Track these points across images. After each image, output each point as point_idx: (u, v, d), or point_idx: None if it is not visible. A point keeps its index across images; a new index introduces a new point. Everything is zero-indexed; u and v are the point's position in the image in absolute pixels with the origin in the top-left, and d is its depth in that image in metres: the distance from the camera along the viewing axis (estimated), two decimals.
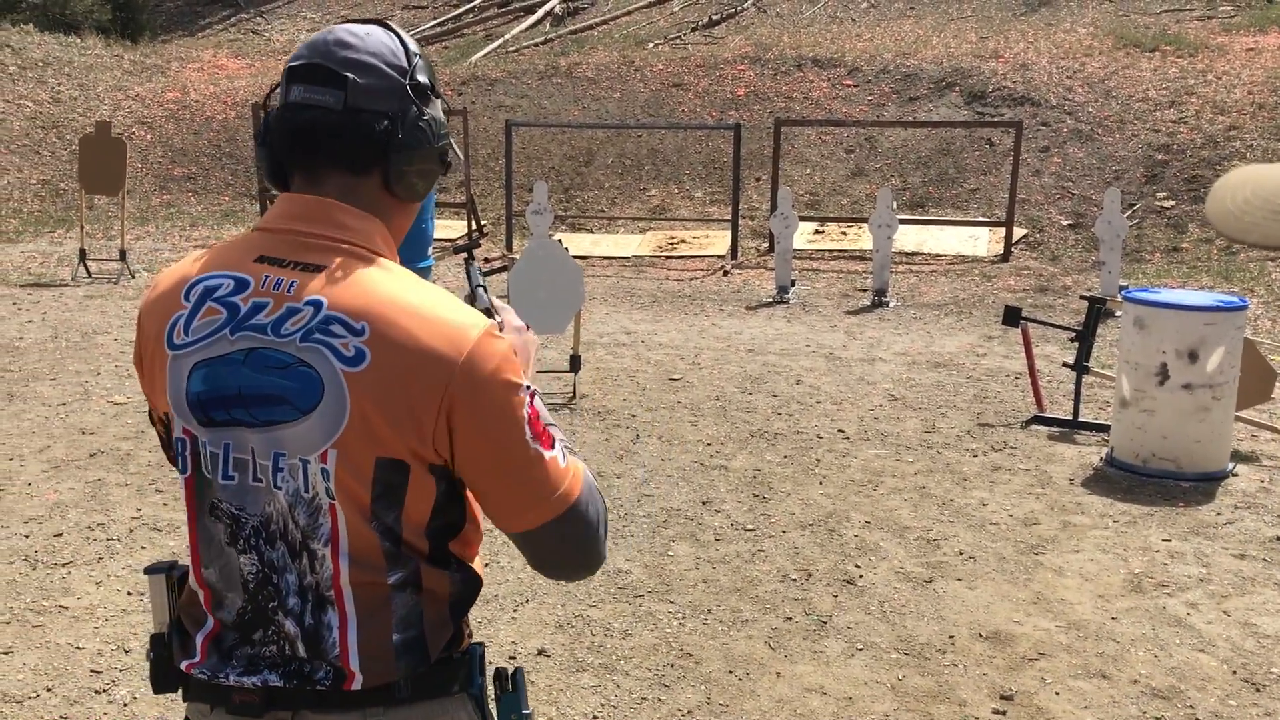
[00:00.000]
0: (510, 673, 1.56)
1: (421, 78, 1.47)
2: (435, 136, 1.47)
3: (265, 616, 1.39)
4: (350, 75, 1.41)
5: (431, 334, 1.34)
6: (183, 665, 1.45)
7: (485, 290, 1.73)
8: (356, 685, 1.39)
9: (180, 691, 1.49)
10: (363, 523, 1.36)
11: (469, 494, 1.45)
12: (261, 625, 1.41)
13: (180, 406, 1.40)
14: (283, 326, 1.36)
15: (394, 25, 1.50)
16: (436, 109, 1.50)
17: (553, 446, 1.40)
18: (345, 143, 1.41)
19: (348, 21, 1.48)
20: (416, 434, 1.34)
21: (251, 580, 1.39)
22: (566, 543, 1.42)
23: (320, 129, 1.41)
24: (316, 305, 1.35)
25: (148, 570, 1.55)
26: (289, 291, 1.37)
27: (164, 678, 1.49)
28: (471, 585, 1.47)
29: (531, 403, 1.40)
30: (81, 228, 11.75)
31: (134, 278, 11.31)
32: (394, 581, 1.39)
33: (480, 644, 1.52)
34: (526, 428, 1.38)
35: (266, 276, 1.39)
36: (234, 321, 1.38)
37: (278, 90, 1.48)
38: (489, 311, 1.62)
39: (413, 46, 1.48)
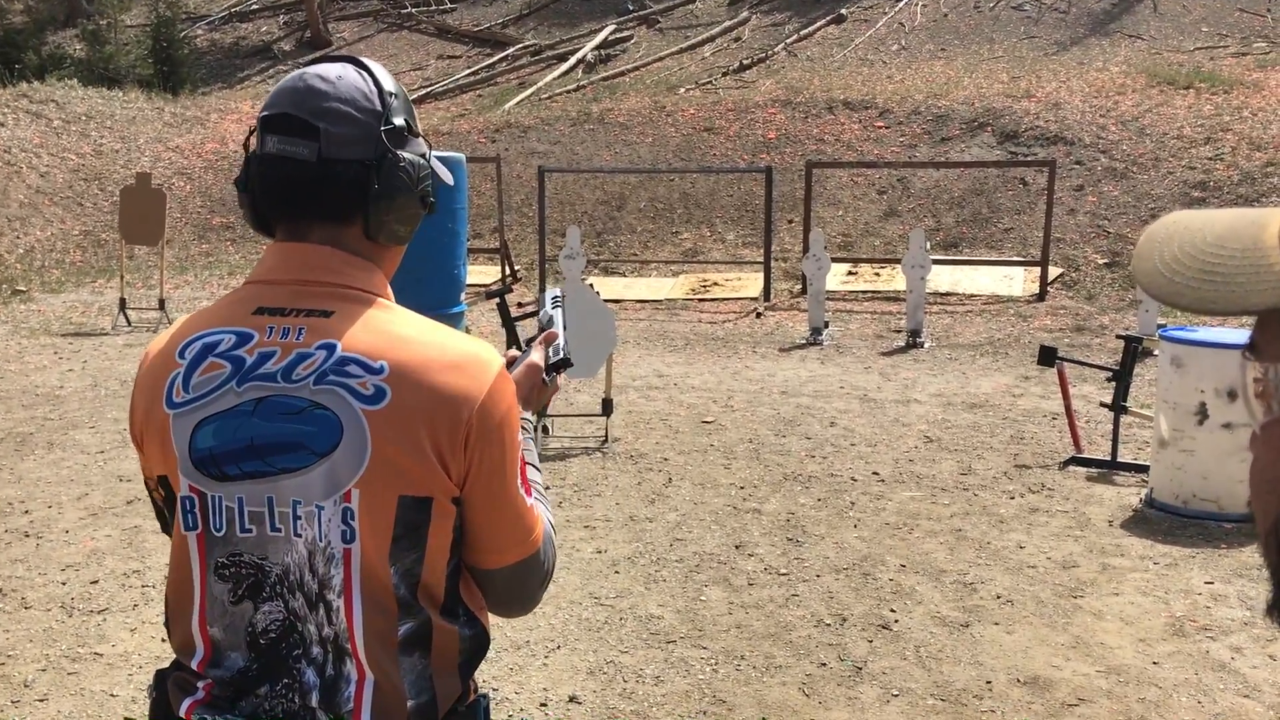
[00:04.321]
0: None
1: (397, 120, 1.44)
2: (414, 180, 1.45)
3: (284, 667, 1.37)
4: (322, 125, 1.39)
5: (452, 369, 1.36)
6: (183, 706, 1.41)
7: (557, 319, 1.81)
8: None
9: None
10: (380, 567, 1.35)
11: None
12: (273, 679, 1.38)
13: (185, 465, 1.37)
14: (293, 372, 1.35)
15: (368, 63, 1.47)
16: (417, 147, 1.48)
17: (531, 493, 1.47)
18: (323, 195, 1.40)
19: (320, 62, 1.47)
20: (441, 467, 1.34)
21: (275, 629, 1.37)
22: (522, 583, 1.48)
23: (297, 182, 1.40)
24: (329, 348, 1.35)
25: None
26: (298, 338, 1.37)
27: (163, 718, 1.46)
28: (480, 641, 1.46)
29: (522, 458, 1.46)
30: (122, 277, 11.94)
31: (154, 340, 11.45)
32: (403, 634, 1.37)
33: (485, 696, 1.51)
34: (518, 472, 1.43)
35: (271, 327, 1.38)
36: (240, 374, 1.37)
37: (254, 135, 1.46)
38: (549, 342, 1.73)
39: (388, 86, 1.45)
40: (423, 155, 1.49)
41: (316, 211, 1.42)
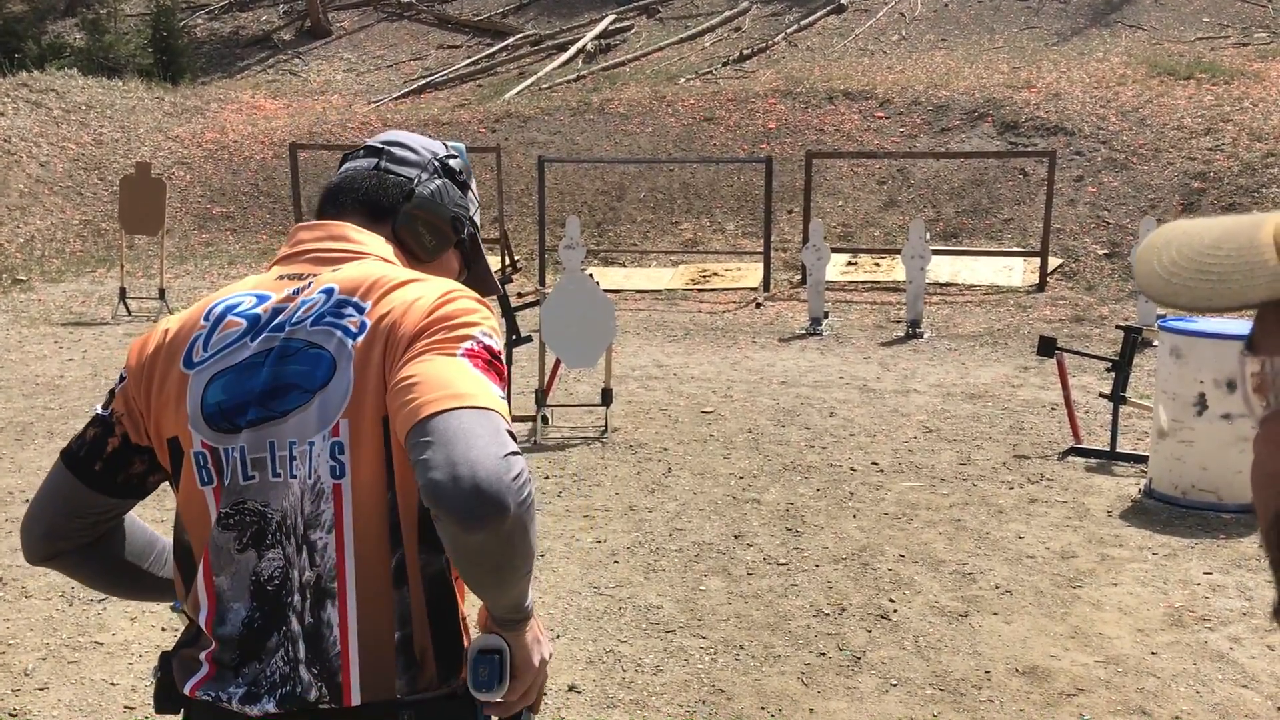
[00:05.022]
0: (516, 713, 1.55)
1: (454, 164, 1.66)
2: (448, 201, 1.62)
3: (282, 614, 1.41)
4: (386, 147, 1.64)
5: (416, 292, 1.43)
6: (188, 685, 1.44)
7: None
8: (355, 699, 1.39)
9: (181, 714, 1.49)
10: (374, 498, 1.38)
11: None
12: (277, 627, 1.41)
13: (196, 420, 1.43)
14: (295, 316, 1.43)
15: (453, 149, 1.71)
16: (461, 195, 1.65)
17: (490, 372, 1.35)
18: (368, 189, 1.59)
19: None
20: (389, 377, 1.38)
21: (277, 576, 1.41)
22: (455, 436, 1.24)
23: (350, 180, 1.60)
24: (329, 292, 1.44)
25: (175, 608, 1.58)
26: (306, 289, 1.46)
27: (167, 699, 1.49)
28: (441, 582, 1.45)
29: (478, 344, 1.38)
30: (122, 267, 11.93)
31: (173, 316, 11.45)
32: (394, 564, 1.40)
33: None
34: (461, 345, 1.36)
35: (287, 289, 1.48)
36: (254, 329, 1.44)
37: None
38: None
39: (462, 154, 1.70)
40: (465, 202, 1.66)
41: (357, 202, 1.58)
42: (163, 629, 4.27)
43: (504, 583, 1.32)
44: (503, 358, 1.43)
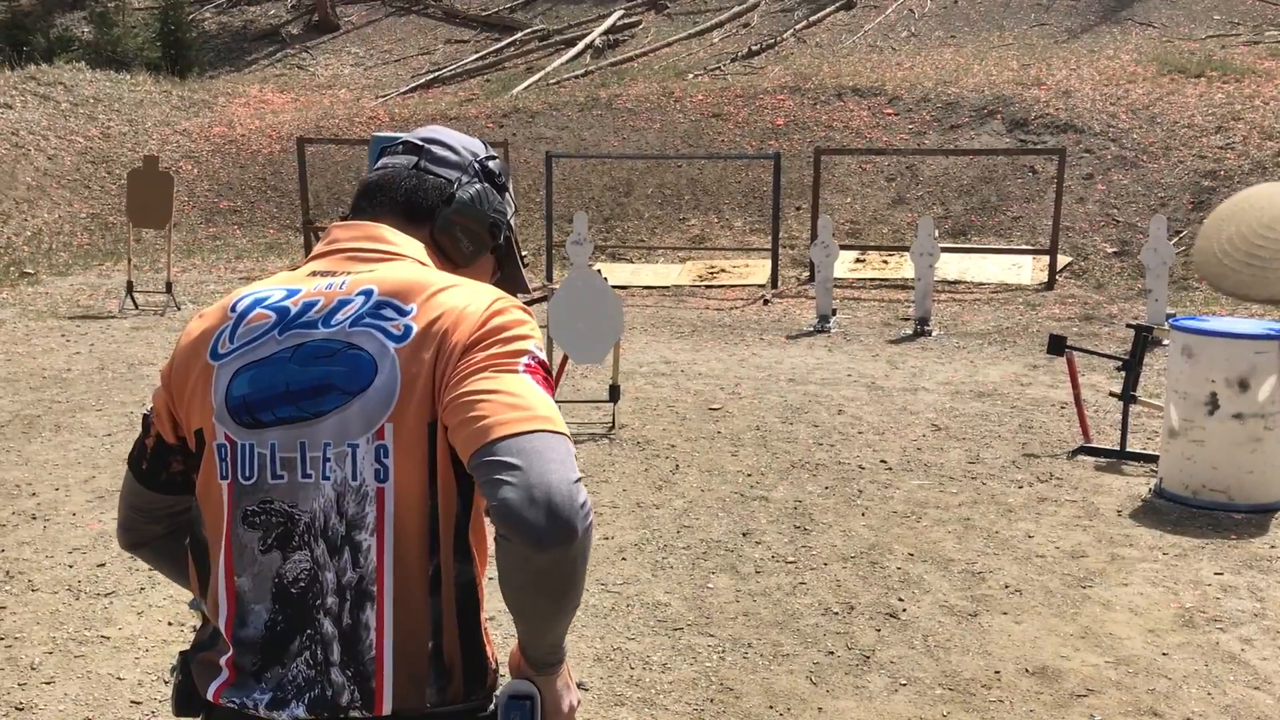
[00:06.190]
0: None
1: (493, 166, 1.63)
2: (488, 206, 1.60)
3: (309, 617, 1.39)
4: (427, 146, 1.62)
5: (464, 300, 1.42)
6: (210, 690, 1.42)
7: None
8: (387, 707, 1.37)
9: (202, 717, 1.48)
10: (416, 504, 1.37)
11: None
12: (300, 630, 1.39)
13: (221, 414, 1.42)
14: (333, 318, 1.41)
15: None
16: (500, 198, 1.64)
17: (547, 388, 1.37)
18: (406, 190, 1.56)
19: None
20: (442, 386, 1.37)
21: (304, 578, 1.39)
22: (539, 455, 1.26)
23: (389, 180, 1.59)
24: (368, 294, 1.42)
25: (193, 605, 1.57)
26: (340, 288, 1.44)
27: (187, 702, 1.48)
28: (471, 592, 1.44)
29: (534, 360, 1.40)
30: (129, 260, 11.93)
31: (180, 310, 11.46)
32: (431, 571, 1.39)
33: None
34: (520, 359, 1.38)
35: (318, 284, 1.46)
36: (283, 322, 1.43)
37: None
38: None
39: (499, 158, 1.68)
40: (502, 205, 1.65)
41: (394, 204, 1.56)
42: (169, 623, 4.26)
43: (559, 612, 1.33)
44: (551, 370, 1.44)
